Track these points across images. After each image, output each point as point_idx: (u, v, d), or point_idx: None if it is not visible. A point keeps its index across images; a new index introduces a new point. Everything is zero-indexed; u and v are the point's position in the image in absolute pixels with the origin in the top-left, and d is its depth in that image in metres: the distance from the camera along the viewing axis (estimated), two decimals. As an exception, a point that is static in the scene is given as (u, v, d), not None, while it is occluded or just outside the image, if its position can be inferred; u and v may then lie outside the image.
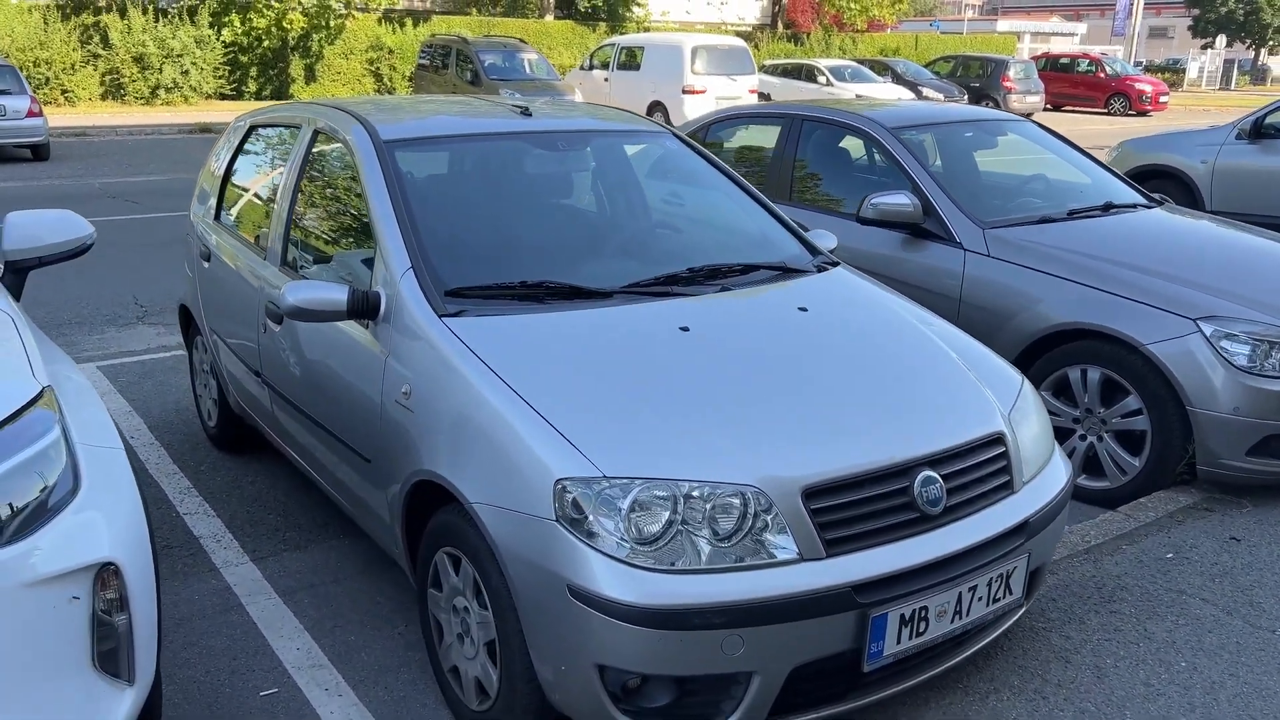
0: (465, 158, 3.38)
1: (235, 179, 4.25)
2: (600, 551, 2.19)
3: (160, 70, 23.06)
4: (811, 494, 2.28)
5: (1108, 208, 4.83)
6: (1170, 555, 3.43)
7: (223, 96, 25.01)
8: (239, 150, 4.29)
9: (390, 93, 27.10)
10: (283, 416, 3.59)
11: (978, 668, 2.75)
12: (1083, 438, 4.08)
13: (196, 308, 4.40)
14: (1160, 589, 3.21)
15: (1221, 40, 52.03)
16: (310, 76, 26.90)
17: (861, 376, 2.69)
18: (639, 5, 33.18)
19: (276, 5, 24.85)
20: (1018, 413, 2.74)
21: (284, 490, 4.17)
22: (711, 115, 6.11)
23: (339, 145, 3.45)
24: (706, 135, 5.89)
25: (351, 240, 3.38)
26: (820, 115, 5.36)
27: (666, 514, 2.22)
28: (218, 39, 24.20)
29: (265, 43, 25.46)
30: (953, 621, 2.42)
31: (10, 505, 1.90)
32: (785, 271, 3.26)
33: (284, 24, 24.73)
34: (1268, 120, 8.25)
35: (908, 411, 2.58)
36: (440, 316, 2.72)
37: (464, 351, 2.60)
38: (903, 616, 2.31)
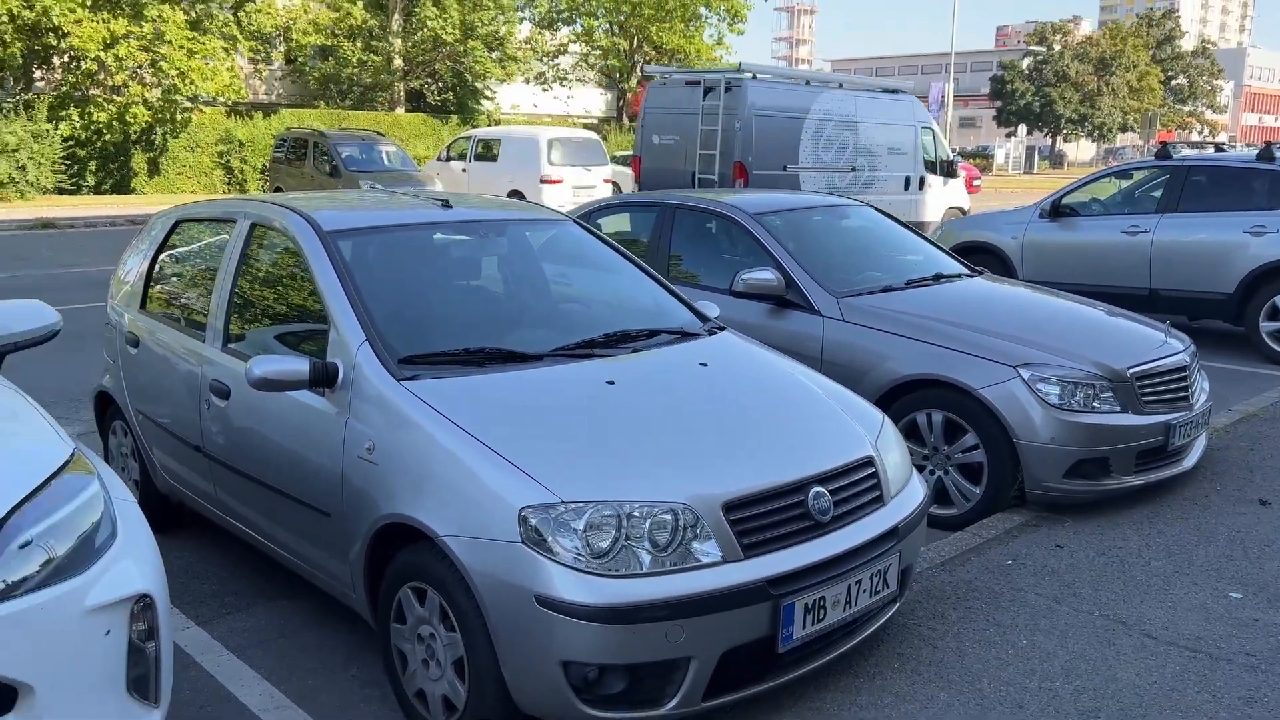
0: (398, 244, 3.83)
1: (164, 269, 4.54)
2: (560, 564, 2.64)
3: (-6, 166, 22.28)
4: (730, 508, 2.79)
5: (938, 277, 5.65)
6: (1009, 562, 4.09)
7: (61, 191, 24.30)
8: (164, 243, 4.58)
9: (242, 185, 26.91)
10: (225, 486, 3.87)
11: (864, 656, 3.30)
12: (931, 472, 4.76)
13: (120, 393, 4.61)
14: (1003, 588, 3.86)
15: (1022, 129, 57.31)
16: (154, 170, 26.47)
17: (758, 415, 3.26)
18: (488, 99, 34.21)
19: (118, 100, 24.49)
20: (882, 441, 3.35)
21: (216, 562, 4.39)
22: (591, 204, 6.72)
23: (279, 236, 3.83)
24: (588, 222, 6.47)
25: (295, 320, 3.75)
26: (690, 204, 6.05)
27: (613, 531, 2.69)
28: (55, 132, 23.58)
29: (106, 136, 24.97)
30: (845, 610, 2.96)
31: (66, 546, 2.21)
32: (683, 335, 3.83)
33: (127, 117, 24.37)
34: (1064, 201, 9.54)
35: (797, 441, 3.15)
36: (399, 381, 3.14)
37: (425, 409, 3.02)
38: (806, 605, 2.83)
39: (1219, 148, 10.51)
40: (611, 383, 3.27)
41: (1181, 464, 4.92)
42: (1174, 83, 75.85)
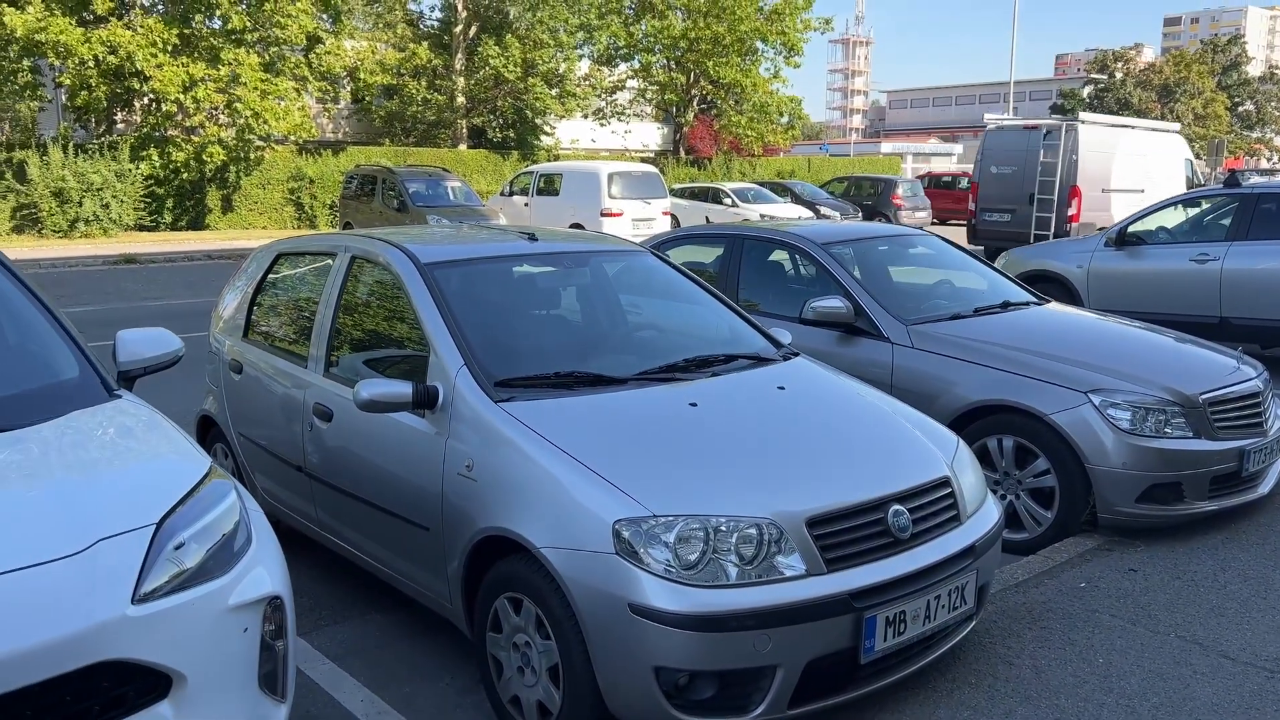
0: (490, 275, 4.04)
1: (265, 300, 4.81)
2: (652, 574, 2.79)
3: (80, 204, 23.25)
4: (813, 523, 2.93)
5: (1005, 305, 5.73)
6: (1083, 585, 4.15)
7: (141, 228, 25.25)
8: (264, 276, 4.86)
9: (312, 221, 27.70)
10: (325, 504, 4.09)
11: (941, 673, 3.38)
12: (1003, 497, 4.82)
13: (223, 417, 4.88)
14: (1077, 609, 3.91)
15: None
16: (228, 206, 27.37)
17: (836, 436, 3.40)
18: (548, 134, 34.84)
19: (195, 140, 25.44)
20: (957, 462, 3.46)
21: (310, 577, 4.61)
22: (660, 236, 6.91)
23: (379, 268, 4.07)
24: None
25: (395, 346, 3.98)
26: (758, 235, 6.21)
27: (701, 544, 2.84)
28: (137, 171, 24.56)
29: (184, 175, 25.92)
30: (924, 624, 3.06)
31: (212, 549, 2.42)
32: (759, 360, 3.97)
33: (204, 156, 25.29)
34: (1129, 230, 9.52)
35: (876, 461, 3.28)
36: (496, 402, 3.33)
37: (521, 428, 3.21)
38: (887, 618, 2.94)
39: (1289, 175, 10.41)
40: (694, 404, 3.43)
41: (1256, 490, 4.92)
42: (1241, 109, 74.46)
